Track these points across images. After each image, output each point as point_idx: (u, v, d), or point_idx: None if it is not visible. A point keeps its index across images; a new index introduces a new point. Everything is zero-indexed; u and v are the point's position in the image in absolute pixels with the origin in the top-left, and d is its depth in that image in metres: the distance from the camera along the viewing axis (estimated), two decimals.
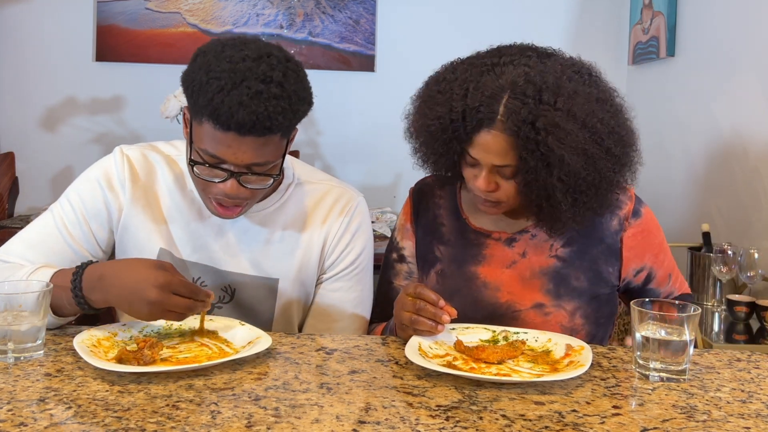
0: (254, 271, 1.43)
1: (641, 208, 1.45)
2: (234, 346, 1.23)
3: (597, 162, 1.27)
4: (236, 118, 1.17)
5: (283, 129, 1.23)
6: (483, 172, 1.32)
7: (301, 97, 1.24)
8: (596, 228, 1.42)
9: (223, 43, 1.24)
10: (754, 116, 2.46)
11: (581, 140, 1.25)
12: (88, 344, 1.16)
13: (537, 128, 1.23)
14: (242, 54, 1.20)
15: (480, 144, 1.29)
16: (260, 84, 1.18)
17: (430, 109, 1.34)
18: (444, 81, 1.35)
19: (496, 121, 1.26)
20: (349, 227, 1.47)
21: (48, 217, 1.40)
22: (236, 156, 1.22)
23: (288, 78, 1.21)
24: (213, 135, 1.21)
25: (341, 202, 1.47)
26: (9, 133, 3.48)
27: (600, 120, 1.27)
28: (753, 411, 1.03)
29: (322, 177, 1.52)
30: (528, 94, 1.24)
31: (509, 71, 1.27)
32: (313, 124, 3.63)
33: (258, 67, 1.19)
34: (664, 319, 1.14)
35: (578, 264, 1.41)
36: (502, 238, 1.45)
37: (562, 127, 1.23)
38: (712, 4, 2.77)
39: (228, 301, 1.44)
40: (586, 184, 1.28)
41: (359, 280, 1.49)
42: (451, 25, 3.59)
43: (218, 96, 1.17)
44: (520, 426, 0.96)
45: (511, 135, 1.25)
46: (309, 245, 1.45)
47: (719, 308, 2.35)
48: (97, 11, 3.49)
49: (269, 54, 1.22)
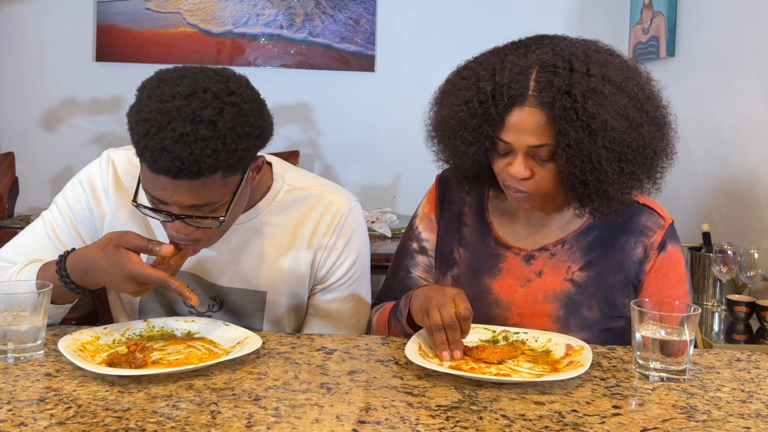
0: (240, 284, 1.39)
1: (669, 244, 1.36)
2: (222, 347, 1.23)
3: (640, 127, 1.22)
4: (160, 164, 1.10)
5: (221, 169, 1.13)
6: (517, 157, 1.26)
7: (241, 135, 1.13)
8: (618, 253, 1.36)
9: (161, 78, 1.15)
10: (754, 116, 2.46)
11: (622, 104, 1.20)
12: (74, 348, 1.16)
13: (574, 95, 1.19)
14: (174, 91, 1.12)
15: (513, 124, 1.23)
16: (187, 125, 1.09)
17: (456, 96, 1.29)
18: (466, 69, 1.31)
19: (527, 96, 1.21)
20: (341, 237, 1.41)
21: (39, 223, 1.40)
22: (173, 198, 1.16)
23: (223, 115, 1.11)
24: (150, 177, 1.16)
25: (332, 210, 1.41)
26: (9, 133, 3.48)
27: (637, 84, 1.24)
28: (753, 411, 1.03)
29: (313, 182, 1.45)
30: (558, 65, 1.21)
31: (534, 51, 1.24)
32: (313, 124, 3.63)
33: (188, 106, 1.10)
34: (664, 319, 1.14)
35: (593, 291, 1.35)
36: (521, 253, 1.39)
37: (600, 92, 1.19)
38: (712, 4, 2.77)
39: (217, 310, 1.42)
40: (632, 151, 1.22)
41: (355, 288, 1.45)
42: (452, 26, 3.59)
43: (143, 140, 1.11)
44: (520, 426, 0.96)
45: (546, 108, 1.20)
46: (298, 257, 1.40)
47: (719, 308, 2.35)
48: (97, 11, 3.49)
49: (205, 89, 1.12)
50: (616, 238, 1.37)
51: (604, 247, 1.37)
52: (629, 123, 1.22)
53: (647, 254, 1.36)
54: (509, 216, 1.44)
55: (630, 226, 1.37)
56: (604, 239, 1.37)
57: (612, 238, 1.37)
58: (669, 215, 1.40)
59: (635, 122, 1.22)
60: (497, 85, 1.23)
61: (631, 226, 1.37)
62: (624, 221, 1.36)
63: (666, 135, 1.29)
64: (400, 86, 3.55)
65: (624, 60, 1.28)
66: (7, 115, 3.49)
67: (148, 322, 1.31)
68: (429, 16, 3.62)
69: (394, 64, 3.62)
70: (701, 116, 2.81)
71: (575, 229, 1.39)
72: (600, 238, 1.37)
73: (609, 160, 1.22)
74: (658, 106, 1.28)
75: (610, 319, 1.36)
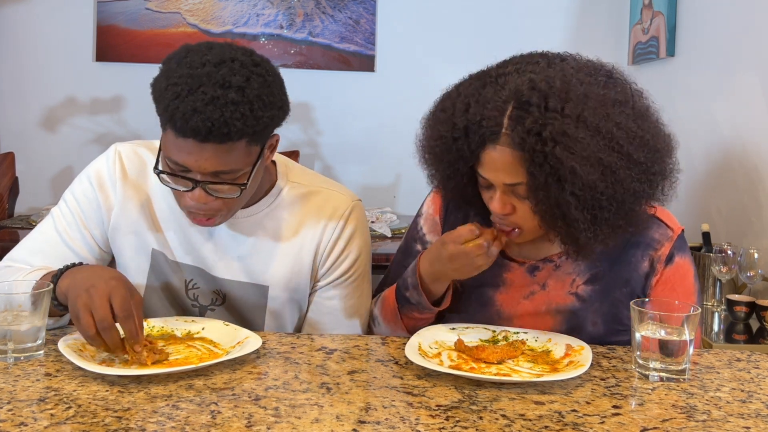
0: (243, 277, 1.40)
1: (677, 256, 1.32)
2: (222, 347, 1.23)
3: (616, 172, 1.15)
4: (191, 125, 1.14)
5: (247, 135, 1.18)
6: (497, 193, 1.23)
7: (266, 103, 1.19)
8: (624, 266, 1.33)
9: (188, 49, 1.21)
10: (754, 116, 2.46)
11: (594, 148, 1.13)
12: (74, 348, 1.15)
13: (544, 138, 1.13)
14: (203, 59, 1.17)
15: (487, 162, 1.21)
16: (217, 89, 1.14)
17: (432, 129, 1.28)
18: (448, 98, 1.28)
19: (500, 135, 1.17)
20: (343, 234, 1.42)
21: (48, 221, 1.41)
22: (198, 163, 1.18)
23: (251, 83, 1.17)
24: (175, 142, 1.18)
25: (335, 207, 1.42)
26: (9, 133, 3.48)
27: (617, 124, 1.15)
28: (753, 411, 1.03)
29: (316, 181, 1.47)
30: (532, 102, 1.14)
31: (513, 80, 1.18)
32: (313, 124, 3.63)
33: (217, 72, 1.15)
34: (664, 319, 1.14)
35: (597, 306, 1.32)
36: (525, 264, 1.36)
37: (571, 136, 1.13)
38: (712, 4, 2.77)
39: (220, 304, 1.43)
40: (606, 198, 1.16)
41: (356, 287, 1.46)
42: (451, 26, 3.60)
43: (174, 103, 1.14)
44: (520, 426, 0.96)
45: (518, 149, 1.16)
46: (300, 253, 1.41)
47: (719, 308, 2.35)
48: (97, 11, 3.49)
49: (233, 59, 1.18)
50: (623, 251, 1.32)
51: (610, 260, 1.33)
52: (602, 169, 1.14)
53: (654, 268, 1.32)
54: None
55: (637, 238, 1.32)
56: (610, 252, 1.31)
57: (618, 251, 1.32)
58: (678, 224, 1.35)
59: (610, 168, 1.15)
60: (470, 122, 1.20)
61: (638, 239, 1.32)
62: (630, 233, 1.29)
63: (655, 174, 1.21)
64: (400, 86, 3.55)
65: (615, 90, 1.20)
66: (7, 115, 3.49)
67: (148, 322, 1.31)
68: (429, 16, 3.62)
69: (394, 64, 3.62)
70: (701, 116, 2.81)
71: None
72: (606, 251, 1.30)
73: (578, 208, 1.16)
74: (645, 144, 1.18)
75: (615, 334, 1.34)
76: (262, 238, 1.40)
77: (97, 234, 1.40)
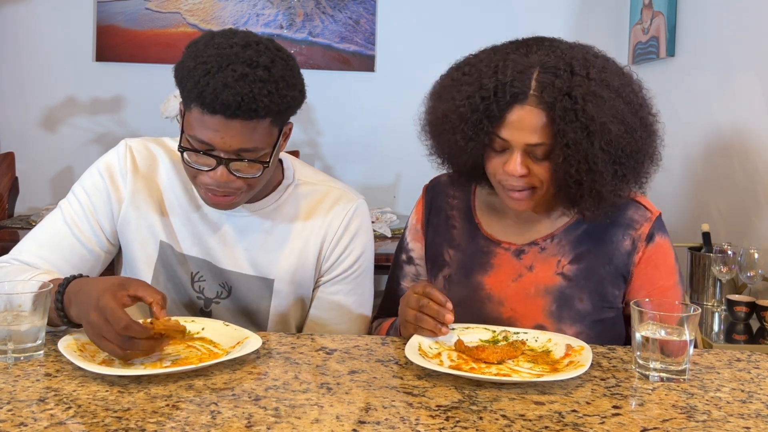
0: (250, 270, 1.43)
1: (657, 236, 1.39)
2: (222, 347, 1.23)
3: (634, 131, 1.26)
4: (221, 99, 1.18)
5: (272, 114, 1.23)
6: (514, 155, 1.28)
7: (290, 84, 1.24)
8: (607, 245, 1.38)
9: (214, 34, 1.27)
10: (754, 116, 2.46)
11: (619, 108, 1.24)
12: (74, 348, 1.15)
13: (574, 97, 1.22)
14: (231, 41, 1.23)
15: (512, 122, 1.26)
16: (246, 67, 1.20)
17: (457, 91, 1.31)
18: (468, 65, 1.33)
19: (528, 96, 1.24)
20: (348, 230, 1.45)
21: (57, 213, 1.41)
22: (224, 140, 1.22)
23: (276, 64, 1.23)
24: (201, 120, 1.22)
25: (340, 204, 1.46)
26: (9, 133, 3.48)
27: (632, 90, 1.28)
28: (753, 411, 1.03)
29: (322, 179, 1.51)
30: (560, 67, 1.24)
31: (535, 51, 1.27)
32: (313, 124, 3.63)
33: (245, 53, 1.21)
34: (664, 319, 1.14)
35: (584, 284, 1.37)
36: (511, 248, 1.42)
37: (599, 95, 1.23)
38: (712, 4, 2.77)
39: (225, 297, 1.44)
40: (625, 155, 1.26)
41: (359, 283, 1.48)
42: (451, 25, 3.59)
43: (204, 79, 1.19)
44: (520, 426, 0.96)
45: (546, 109, 1.23)
46: (305, 247, 1.44)
47: (719, 308, 2.35)
48: (97, 11, 3.49)
49: (258, 42, 1.24)
50: (604, 231, 1.39)
51: (592, 240, 1.39)
52: (625, 127, 1.25)
53: (635, 246, 1.38)
54: (497, 213, 1.46)
55: (617, 219, 1.39)
56: (592, 233, 1.39)
57: (600, 232, 1.39)
58: (656, 208, 1.42)
59: (630, 127, 1.26)
60: (500, 82, 1.25)
61: (618, 220, 1.39)
62: (611, 214, 1.37)
63: (654, 142, 1.33)
64: (400, 86, 3.54)
65: (619, 66, 1.32)
66: (7, 115, 3.49)
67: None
68: (429, 16, 3.61)
69: (394, 64, 3.62)
70: (701, 116, 2.81)
71: (563, 224, 1.41)
72: (588, 232, 1.39)
73: (605, 162, 1.25)
74: (649, 113, 1.32)
75: (602, 310, 1.38)
76: (269, 232, 1.43)
77: (106, 226, 1.41)
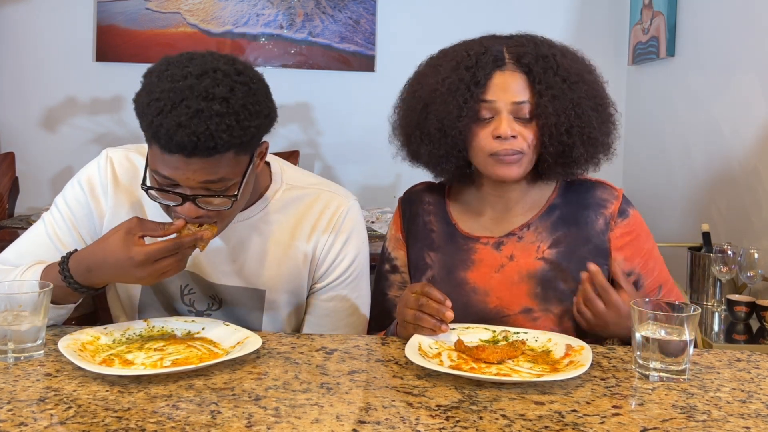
0: (239, 282, 1.39)
1: (629, 209, 1.45)
2: (222, 347, 1.23)
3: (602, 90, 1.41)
4: (176, 140, 1.11)
5: (234, 146, 1.16)
6: (502, 116, 1.35)
7: (252, 112, 1.16)
8: (582, 227, 1.42)
9: (169, 61, 1.18)
10: (754, 116, 2.46)
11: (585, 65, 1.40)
12: (74, 348, 1.16)
13: (547, 57, 1.35)
14: (185, 71, 1.14)
15: (497, 84, 1.35)
16: (201, 102, 1.11)
17: (440, 70, 1.40)
18: (442, 54, 1.44)
19: (506, 62, 1.36)
20: (339, 235, 1.42)
21: (40, 225, 1.40)
22: (186, 176, 1.16)
23: (235, 93, 1.14)
24: (161, 158, 1.16)
25: (330, 208, 1.42)
26: (9, 133, 3.48)
27: (589, 72, 1.41)
28: (753, 411, 1.03)
29: (312, 181, 1.46)
30: (524, 43, 1.38)
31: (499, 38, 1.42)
32: (313, 124, 3.63)
33: (200, 84, 1.12)
34: (664, 319, 1.14)
35: (566, 266, 1.40)
36: (490, 242, 1.44)
37: (567, 55, 1.38)
38: (712, 3, 2.77)
39: (217, 308, 1.42)
40: (599, 105, 1.38)
41: (354, 287, 1.45)
42: (451, 25, 3.59)
43: (157, 119, 1.12)
44: (520, 426, 0.96)
45: (525, 72, 1.35)
46: (296, 256, 1.40)
47: (719, 308, 2.35)
48: (97, 11, 3.49)
49: (215, 69, 1.15)
50: (577, 214, 1.44)
51: (567, 224, 1.44)
52: (594, 78, 1.41)
53: (608, 224, 1.43)
54: (472, 211, 1.49)
55: (587, 201, 1.45)
56: (566, 217, 1.44)
57: (573, 215, 1.44)
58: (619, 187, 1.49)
59: (597, 82, 1.41)
60: (478, 53, 1.37)
61: (588, 201, 1.45)
62: (580, 198, 1.45)
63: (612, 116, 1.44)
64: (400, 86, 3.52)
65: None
66: (7, 115, 3.49)
67: (148, 322, 1.31)
68: (429, 16, 3.61)
69: (394, 64, 3.61)
70: (701, 116, 2.81)
71: (536, 213, 1.45)
72: (562, 217, 1.44)
73: (588, 107, 1.37)
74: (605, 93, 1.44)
75: None
76: (257, 242, 1.39)
77: (88, 239, 1.38)
